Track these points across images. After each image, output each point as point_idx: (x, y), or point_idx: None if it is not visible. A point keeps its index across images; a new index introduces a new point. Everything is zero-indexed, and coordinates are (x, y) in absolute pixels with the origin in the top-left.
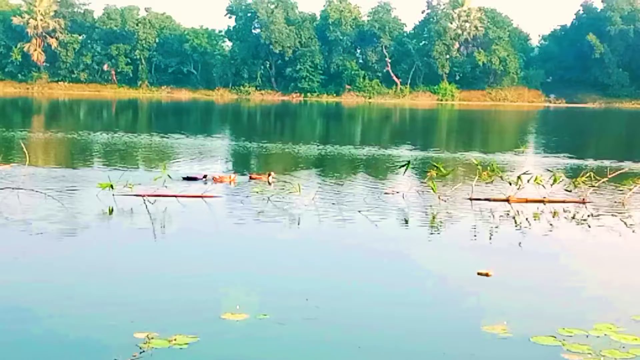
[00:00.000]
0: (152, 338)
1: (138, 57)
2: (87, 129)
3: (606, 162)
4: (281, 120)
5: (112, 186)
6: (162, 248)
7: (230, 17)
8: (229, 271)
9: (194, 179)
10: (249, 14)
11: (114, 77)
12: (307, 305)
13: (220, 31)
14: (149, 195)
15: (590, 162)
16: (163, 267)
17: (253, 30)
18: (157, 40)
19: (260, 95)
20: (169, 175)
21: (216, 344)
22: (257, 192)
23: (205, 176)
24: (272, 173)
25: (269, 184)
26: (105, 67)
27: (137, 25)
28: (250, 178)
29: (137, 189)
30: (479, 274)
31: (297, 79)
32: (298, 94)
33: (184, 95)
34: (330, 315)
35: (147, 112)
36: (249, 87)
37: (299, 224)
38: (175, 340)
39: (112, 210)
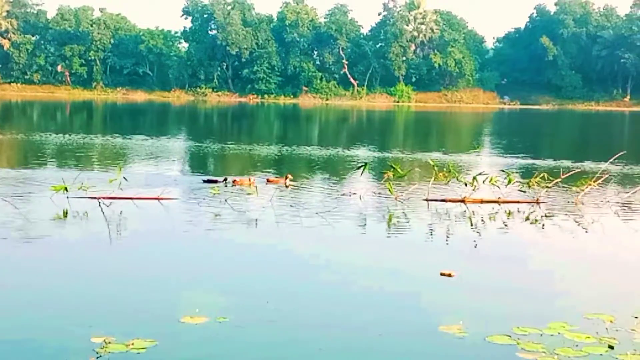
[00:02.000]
0: (110, 342)
1: (92, 58)
2: (40, 130)
3: (559, 163)
4: (238, 121)
5: (66, 189)
6: (118, 251)
7: (186, 18)
8: (187, 274)
9: (214, 181)
10: (205, 15)
11: (68, 79)
12: (267, 307)
13: (176, 32)
14: (104, 198)
15: (544, 163)
16: (120, 270)
17: (209, 32)
18: (112, 41)
19: (217, 96)
20: (124, 178)
21: (175, 347)
22: (214, 194)
23: (225, 179)
24: (290, 176)
25: (286, 187)
26: (59, 69)
27: (91, 25)
28: (268, 181)
29: (92, 191)
30: (441, 274)
31: (254, 81)
32: (255, 96)
33: (139, 96)
34: (291, 317)
35: (102, 113)
36: (206, 88)
37: (256, 225)
38: (133, 344)
39: (67, 213)
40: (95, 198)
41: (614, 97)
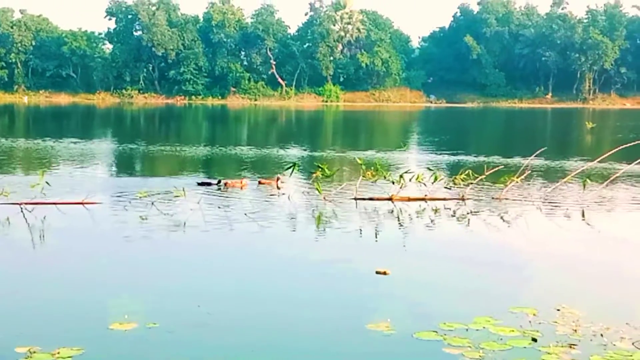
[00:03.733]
0: (34, 352)
1: (13, 60)
2: None
3: (484, 159)
4: (166, 123)
5: None
6: (42, 258)
7: (110, 19)
8: (115, 279)
9: (208, 184)
10: (129, 16)
11: None
12: (198, 311)
13: (100, 33)
14: (26, 204)
15: (470, 159)
16: (45, 277)
17: (134, 33)
18: (33, 43)
19: (143, 98)
20: (47, 182)
21: (103, 355)
22: (140, 197)
23: (219, 181)
24: (281, 177)
25: (278, 188)
26: None
27: (11, 27)
28: (260, 183)
29: (13, 196)
30: (377, 272)
31: (181, 82)
32: (182, 97)
33: (63, 99)
34: (222, 319)
35: (24, 117)
36: (132, 90)
37: (185, 228)
38: (59, 353)
39: None
40: (16, 204)
41: (536, 95)
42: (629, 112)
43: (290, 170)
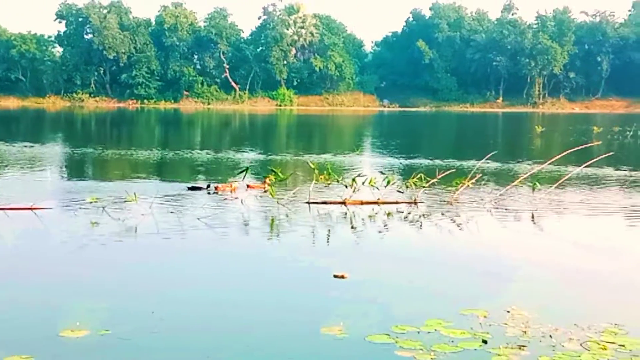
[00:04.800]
0: None
1: None
2: None
3: (437, 163)
4: (117, 127)
5: None
6: None
7: (60, 22)
8: (66, 286)
9: (199, 188)
10: (80, 19)
11: None
12: (152, 317)
13: (50, 37)
14: None
15: (423, 163)
16: None
17: (85, 36)
18: None
19: (94, 102)
20: None
21: None
22: (91, 202)
23: (208, 185)
24: (268, 180)
25: (265, 191)
26: None
27: None
28: (248, 187)
29: None
30: (335, 276)
31: (133, 85)
32: (134, 101)
33: (12, 103)
34: (176, 325)
35: None
36: (82, 93)
37: (136, 233)
38: None
39: None
40: None
41: (487, 99)
42: (578, 116)
43: (243, 174)
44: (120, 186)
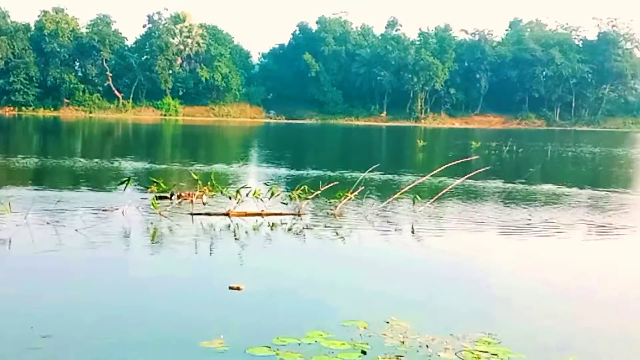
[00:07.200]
0: None
1: None
2: None
3: (321, 174)
4: None
5: None
6: None
7: None
8: None
9: (165, 198)
10: None
11: None
12: (31, 333)
13: None
14: None
15: (307, 174)
16: None
17: None
18: None
19: None
20: None
21: None
22: None
23: (172, 194)
24: (204, 191)
25: (204, 204)
26: None
27: None
28: (179, 197)
29: None
30: (230, 288)
31: (11, 92)
32: (12, 108)
33: None
34: (55, 341)
35: None
36: None
37: (9, 246)
38: None
39: None
40: None
41: (372, 113)
42: (458, 131)
43: (124, 184)
44: None
